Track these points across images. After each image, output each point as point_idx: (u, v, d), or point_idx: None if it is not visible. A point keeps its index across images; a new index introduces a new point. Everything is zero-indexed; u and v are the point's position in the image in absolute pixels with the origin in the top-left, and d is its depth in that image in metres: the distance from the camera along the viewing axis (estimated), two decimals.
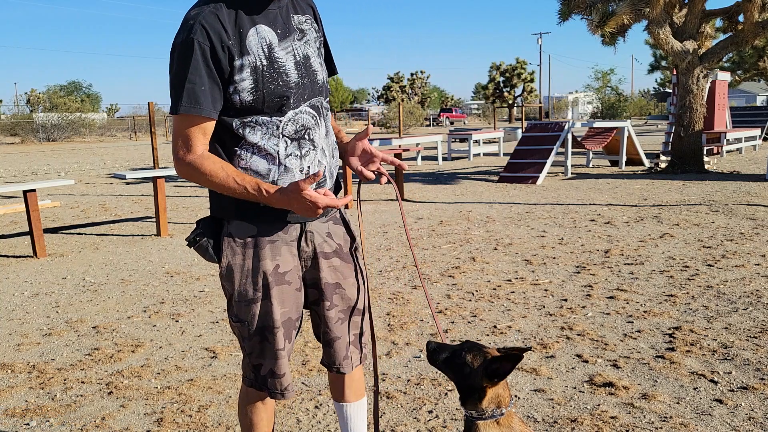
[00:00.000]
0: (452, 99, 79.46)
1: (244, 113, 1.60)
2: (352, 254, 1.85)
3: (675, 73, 12.54)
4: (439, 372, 3.00)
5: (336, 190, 1.82)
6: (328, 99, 1.79)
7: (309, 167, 1.69)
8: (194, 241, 1.71)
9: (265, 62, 1.58)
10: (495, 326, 3.67)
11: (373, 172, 1.81)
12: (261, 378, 1.74)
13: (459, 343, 1.66)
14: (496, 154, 17.45)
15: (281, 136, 1.65)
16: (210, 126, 1.58)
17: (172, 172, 7.33)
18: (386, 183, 1.84)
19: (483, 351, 1.60)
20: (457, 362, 1.60)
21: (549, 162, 10.97)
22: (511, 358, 1.54)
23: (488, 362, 1.56)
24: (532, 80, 58.38)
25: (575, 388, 2.84)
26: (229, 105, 1.59)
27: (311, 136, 1.69)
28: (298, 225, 1.72)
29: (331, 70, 1.87)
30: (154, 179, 6.79)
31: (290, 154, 1.66)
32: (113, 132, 42.82)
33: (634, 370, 3.00)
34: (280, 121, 1.63)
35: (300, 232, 1.73)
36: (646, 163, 12.97)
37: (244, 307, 1.69)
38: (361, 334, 1.89)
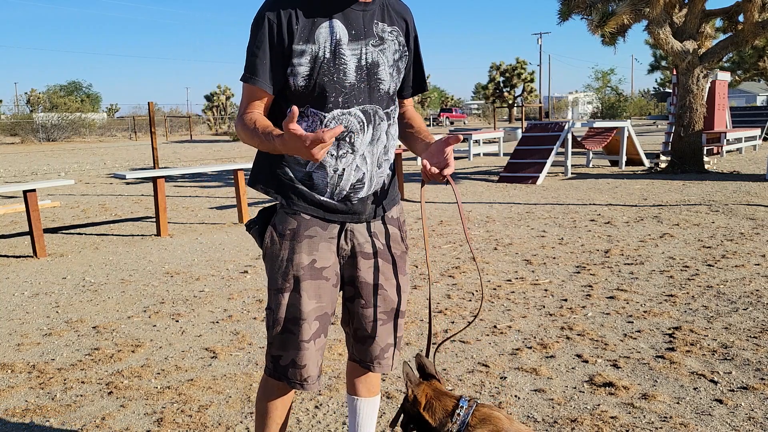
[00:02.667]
0: (452, 99, 79.44)
1: (298, 100, 1.67)
2: (396, 257, 1.86)
3: (675, 73, 12.54)
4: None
5: (381, 199, 1.83)
6: (389, 110, 1.79)
7: (344, 170, 1.72)
8: (249, 226, 1.83)
9: (328, 55, 1.64)
10: (495, 326, 3.67)
11: (439, 174, 1.78)
12: (281, 368, 1.77)
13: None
14: (496, 154, 17.45)
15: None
16: (266, 98, 1.68)
17: (172, 172, 7.33)
18: (445, 183, 1.86)
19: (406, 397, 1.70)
20: (404, 418, 1.70)
21: (549, 162, 10.97)
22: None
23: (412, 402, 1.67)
24: (532, 80, 58.34)
25: (575, 388, 2.84)
26: (286, 87, 1.67)
27: (352, 140, 1.71)
28: (338, 224, 1.76)
29: (420, 87, 1.92)
30: (154, 179, 6.79)
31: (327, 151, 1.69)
32: (113, 132, 42.82)
33: (634, 370, 3.00)
34: (324, 117, 1.67)
35: (340, 230, 1.76)
36: (646, 163, 12.97)
37: (273, 296, 1.76)
38: (400, 338, 1.93)
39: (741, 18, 11.25)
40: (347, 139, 1.71)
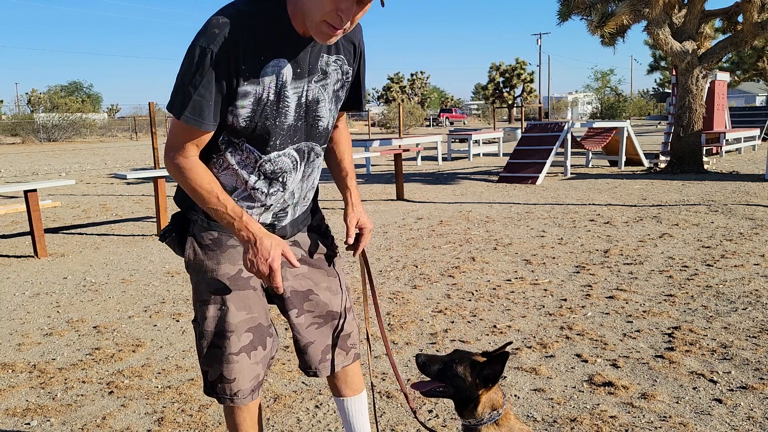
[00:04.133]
0: (452, 99, 79.44)
1: (235, 134, 1.58)
2: (321, 261, 1.85)
3: (674, 73, 12.55)
4: None
5: (303, 220, 1.82)
6: (325, 145, 1.75)
7: (272, 205, 1.69)
8: (163, 236, 1.75)
9: (272, 97, 1.54)
10: (495, 326, 3.68)
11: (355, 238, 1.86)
12: (209, 383, 1.73)
13: (448, 353, 1.66)
14: (496, 155, 17.45)
15: (256, 170, 1.63)
16: (207, 137, 1.56)
17: None
18: (351, 251, 1.88)
19: (472, 359, 1.61)
20: (449, 374, 1.61)
21: (548, 162, 10.98)
22: (498, 358, 1.56)
23: (479, 370, 1.58)
24: (531, 80, 58.36)
25: (575, 387, 2.84)
26: (224, 121, 1.55)
27: (284, 179, 1.67)
28: None
29: (355, 104, 1.80)
30: (154, 179, 6.80)
31: (258, 189, 1.66)
32: (114, 132, 42.81)
33: (633, 369, 3.01)
34: (260, 158, 1.61)
35: None
36: (646, 163, 12.98)
37: (199, 308, 1.71)
38: (347, 336, 1.90)
39: (740, 18, 11.26)
40: (280, 178, 1.66)
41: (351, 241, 1.84)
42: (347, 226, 1.84)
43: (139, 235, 6.93)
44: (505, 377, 2.97)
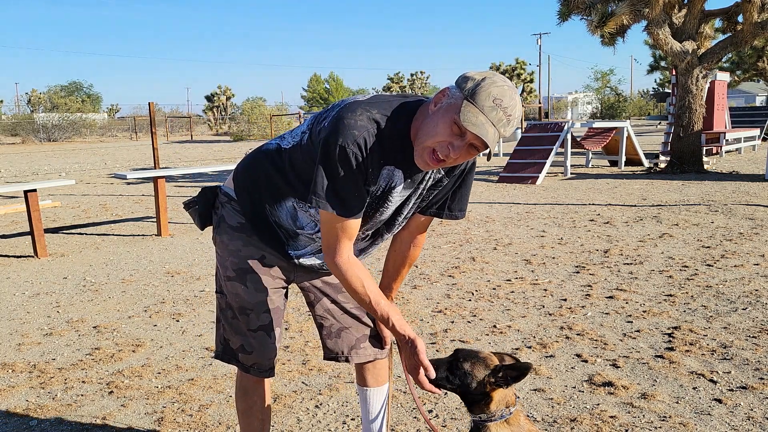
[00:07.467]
0: None
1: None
2: None
3: (674, 73, 12.55)
4: None
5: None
6: (395, 232, 1.81)
7: (317, 261, 1.79)
8: (187, 205, 1.85)
9: (378, 193, 1.62)
10: (495, 326, 3.68)
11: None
12: (230, 351, 1.84)
13: (450, 355, 1.67)
14: (496, 154, 17.46)
15: (313, 239, 1.73)
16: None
17: (172, 172, 7.33)
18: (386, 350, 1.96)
19: (481, 358, 1.61)
20: (457, 374, 1.60)
21: (548, 162, 10.98)
22: (518, 368, 1.56)
23: (493, 372, 1.58)
24: (531, 81, 58.30)
25: (575, 387, 2.84)
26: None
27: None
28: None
29: (438, 214, 1.78)
30: (154, 179, 6.80)
31: (303, 235, 1.74)
32: (114, 132, 42.81)
33: (633, 369, 3.01)
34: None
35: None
36: (646, 163, 12.98)
37: (224, 282, 1.81)
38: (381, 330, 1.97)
39: (740, 18, 11.26)
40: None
41: (388, 344, 1.96)
42: (382, 333, 1.94)
43: (139, 235, 6.93)
44: None
